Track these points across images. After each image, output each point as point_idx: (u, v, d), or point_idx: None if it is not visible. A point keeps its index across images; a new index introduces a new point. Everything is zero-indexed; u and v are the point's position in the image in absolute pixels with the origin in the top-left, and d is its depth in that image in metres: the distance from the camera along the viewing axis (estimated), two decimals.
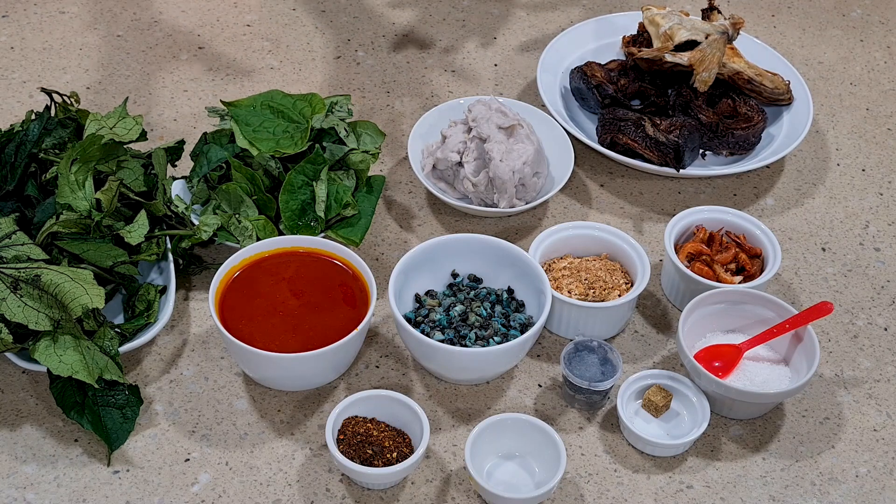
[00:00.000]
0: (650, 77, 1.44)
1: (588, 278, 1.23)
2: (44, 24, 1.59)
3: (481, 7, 1.66)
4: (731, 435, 1.17)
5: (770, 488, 1.12)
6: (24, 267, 1.10)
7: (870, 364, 1.24)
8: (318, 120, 1.30)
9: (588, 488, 1.12)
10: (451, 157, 1.33)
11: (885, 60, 1.61)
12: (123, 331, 1.16)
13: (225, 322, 1.15)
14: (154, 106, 1.48)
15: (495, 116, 1.33)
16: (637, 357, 1.23)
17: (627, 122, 1.38)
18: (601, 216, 1.38)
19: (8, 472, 1.11)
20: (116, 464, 1.12)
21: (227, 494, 1.10)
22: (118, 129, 1.24)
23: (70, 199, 1.17)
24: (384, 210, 1.37)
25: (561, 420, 1.17)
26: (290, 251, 1.22)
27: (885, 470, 1.15)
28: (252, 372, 1.17)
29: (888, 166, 1.45)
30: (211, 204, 1.27)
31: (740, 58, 1.43)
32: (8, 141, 1.24)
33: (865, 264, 1.34)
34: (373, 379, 1.20)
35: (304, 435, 1.15)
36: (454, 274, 1.25)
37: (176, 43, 1.58)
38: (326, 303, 1.18)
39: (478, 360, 1.15)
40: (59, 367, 1.08)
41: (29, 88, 1.50)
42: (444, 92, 1.52)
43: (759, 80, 1.44)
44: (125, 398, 1.13)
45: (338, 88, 1.52)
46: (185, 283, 1.27)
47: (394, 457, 1.08)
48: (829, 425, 1.18)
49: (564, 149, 1.38)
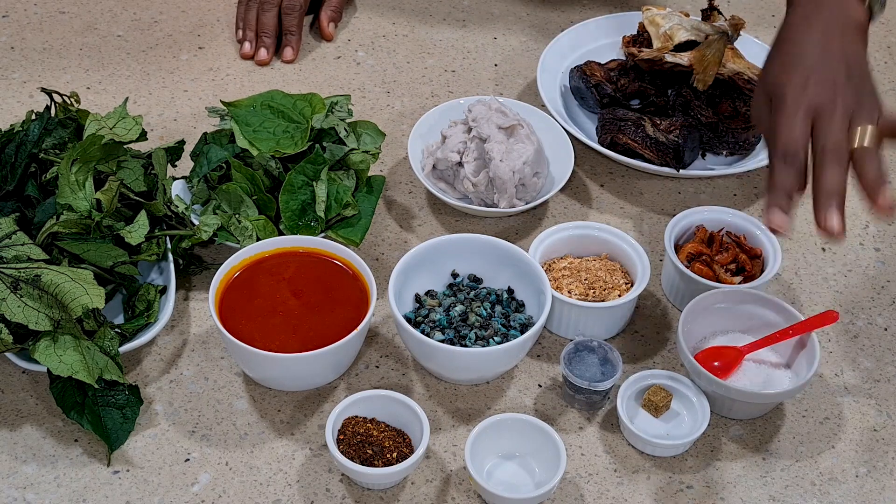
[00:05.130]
0: (650, 77, 1.44)
1: (588, 278, 1.23)
2: (44, 24, 1.59)
3: (481, 7, 1.66)
4: (731, 435, 1.17)
5: (770, 488, 1.12)
6: (24, 267, 1.10)
7: (870, 364, 1.24)
8: (318, 120, 1.31)
9: (588, 488, 1.12)
10: (451, 157, 1.33)
11: (885, 60, 1.61)
12: (123, 331, 1.16)
13: (225, 322, 1.15)
14: (154, 106, 1.48)
15: (495, 116, 1.33)
16: (637, 357, 1.23)
17: (627, 122, 1.38)
18: (601, 216, 1.38)
19: (8, 472, 1.11)
20: (116, 464, 1.12)
21: (227, 494, 1.10)
22: (118, 129, 1.24)
23: (70, 199, 1.17)
24: (384, 210, 1.37)
25: (561, 420, 1.17)
26: (290, 251, 1.22)
27: (885, 470, 1.15)
28: (252, 372, 1.18)
29: (888, 166, 1.45)
30: (211, 204, 1.27)
31: (740, 58, 1.43)
32: (8, 141, 1.24)
33: (865, 264, 1.34)
34: (373, 379, 1.20)
35: (304, 435, 1.15)
36: (454, 274, 1.25)
37: (176, 43, 1.58)
38: (326, 303, 1.18)
39: (478, 360, 1.15)
40: (59, 367, 1.08)
41: (29, 88, 1.50)
42: (444, 92, 1.52)
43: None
44: (125, 398, 1.13)
45: (338, 88, 1.52)
46: (185, 283, 1.27)
47: (394, 457, 1.08)
48: (829, 425, 1.18)
49: (564, 149, 1.38)
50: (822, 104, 1.10)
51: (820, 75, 1.11)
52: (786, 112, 1.10)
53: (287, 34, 1.56)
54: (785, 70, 1.13)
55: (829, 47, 1.13)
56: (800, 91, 1.11)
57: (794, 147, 1.09)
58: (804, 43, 1.14)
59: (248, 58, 1.55)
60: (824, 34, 1.15)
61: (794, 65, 1.13)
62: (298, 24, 1.56)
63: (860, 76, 1.12)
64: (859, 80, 1.12)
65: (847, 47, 1.14)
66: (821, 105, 1.09)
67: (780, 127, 1.10)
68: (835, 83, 1.10)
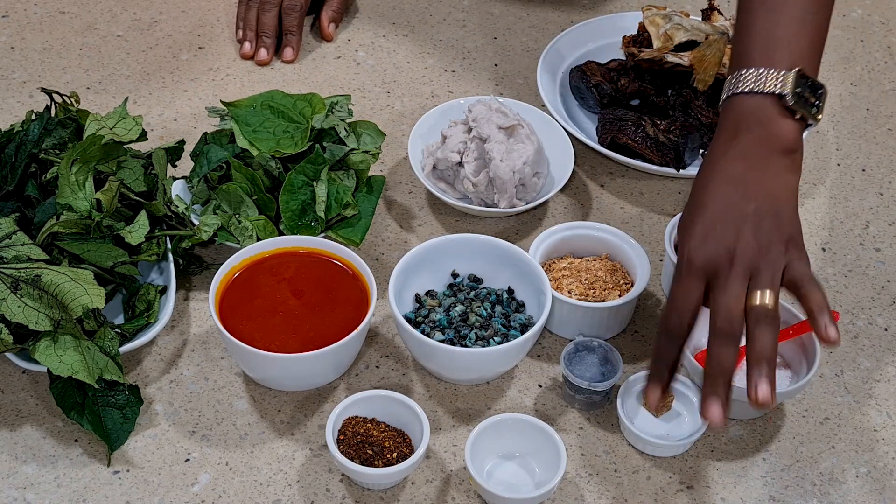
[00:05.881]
0: (650, 77, 1.44)
1: (588, 278, 1.23)
2: (44, 24, 1.59)
3: (481, 7, 1.66)
4: (731, 435, 1.17)
5: (770, 488, 1.12)
6: (24, 267, 1.10)
7: (870, 364, 1.24)
8: (318, 120, 1.31)
9: (588, 488, 1.12)
10: (451, 157, 1.33)
11: (885, 60, 1.61)
12: (123, 331, 1.16)
13: (225, 322, 1.15)
14: (154, 106, 1.48)
15: (495, 116, 1.33)
16: (637, 357, 1.23)
17: (627, 122, 1.38)
18: (601, 216, 1.38)
19: (8, 472, 1.11)
20: (116, 464, 1.12)
21: (227, 494, 1.10)
22: (118, 129, 1.24)
23: (70, 199, 1.17)
24: (384, 210, 1.37)
25: (561, 420, 1.17)
26: (290, 251, 1.22)
27: (885, 470, 1.15)
28: (252, 372, 1.18)
29: (888, 166, 1.45)
30: (211, 204, 1.27)
31: None
32: (8, 141, 1.24)
33: (865, 264, 1.34)
34: (373, 379, 1.20)
35: (304, 435, 1.15)
36: (454, 274, 1.25)
37: (176, 43, 1.58)
38: (326, 303, 1.18)
39: (478, 360, 1.15)
40: (59, 368, 1.08)
41: (29, 88, 1.50)
42: (444, 92, 1.52)
43: None
44: (125, 398, 1.13)
45: (338, 88, 1.52)
46: (185, 283, 1.27)
47: (394, 457, 1.08)
48: (829, 425, 1.18)
49: (564, 149, 1.38)
50: (718, 265, 1.01)
51: (720, 230, 1.02)
52: (679, 273, 1.03)
53: (287, 34, 1.56)
54: (686, 225, 1.06)
55: (743, 187, 1.04)
56: (695, 249, 1.02)
57: (676, 320, 1.02)
58: (714, 185, 1.05)
59: (248, 58, 1.55)
60: (742, 170, 1.05)
61: (697, 216, 1.04)
62: (299, 24, 1.56)
63: (776, 220, 1.03)
64: (773, 226, 1.02)
65: (769, 182, 1.04)
66: (717, 266, 1.01)
67: (672, 292, 1.03)
68: (737, 237, 1.01)
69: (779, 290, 1.01)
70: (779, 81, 1.07)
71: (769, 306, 1.00)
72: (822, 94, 1.09)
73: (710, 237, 1.03)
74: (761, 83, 1.07)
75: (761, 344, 0.99)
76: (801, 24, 1.10)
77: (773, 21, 1.09)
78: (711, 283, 1.02)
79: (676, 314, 1.03)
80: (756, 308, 1.00)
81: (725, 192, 1.05)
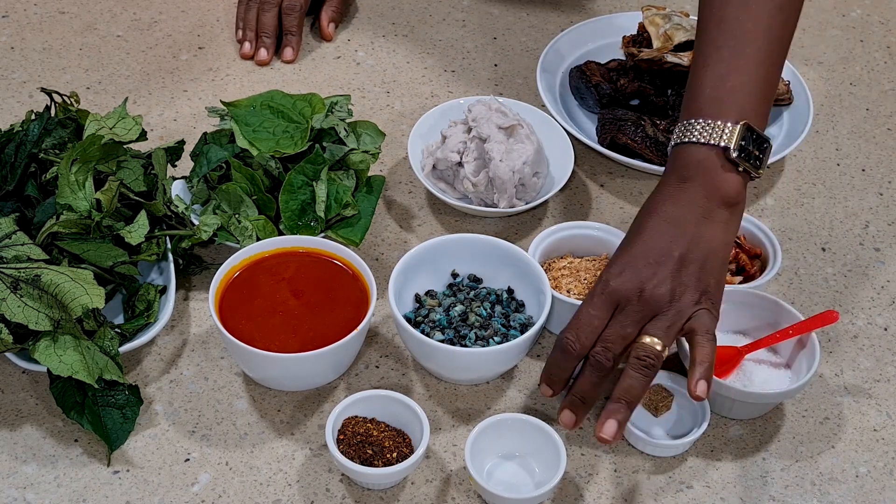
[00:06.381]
0: (650, 77, 1.44)
1: (588, 278, 1.23)
2: (44, 24, 1.59)
3: (481, 7, 1.66)
4: (731, 435, 1.17)
5: (770, 488, 1.12)
6: (24, 267, 1.10)
7: (870, 364, 1.24)
8: (318, 120, 1.31)
9: (588, 488, 1.12)
10: (451, 157, 1.33)
11: (885, 60, 1.61)
12: (123, 331, 1.16)
13: (225, 322, 1.15)
14: (154, 106, 1.48)
15: (495, 116, 1.33)
16: None
17: (627, 122, 1.38)
18: (601, 216, 1.38)
19: (8, 472, 1.11)
20: (116, 464, 1.12)
21: (227, 494, 1.10)
22: (118, 129, 1.24)
23: (70, 199, 1.17)
24: (384, 210, 1.37)
25: None
26: (290, 251, 1.22)
27: (885, 470, 1.15)
28: (252, 372, 1.18)
29: (888, 166, 1.45)
30: (211, 204, 1.27)
31: None
32: (8, 141, 1.24)
33: (865, 264, 1.34)
34: (373, 379, 1.20)
35: (304, 435, 1.15)
36: (454, 274, 1.25)
37: (176, 43, 1.58)
38: (326, 303, 1.18)
39: (478, 360, 1.15)
40: (59, 367, 1.08)
41: (29, 88, 1.50)
42: (444, 92, 1.52)
43: None
44: (125, 398, 1.13)
45: (338, 88, 1.52)
46: (185, 283, 1.27)
47: (394, 457, 1.08)
48: (829, 425, 1.18)
49: (564, 149, 1.38)
50: (627, 297, 1.05)
51: (641, 265, 1.06)
52: (592, 294, 1.07)
53: (287, 34, 1.56)
54: (616, 252, 1.10)
55: (677, 231, 1.07)
56: (613, 277, 1.06)
57: (574, 337, 1.06)
58: (650, 222, 1.08)
59: (248, 58, 1.55)
60: (681, 215, 1.08)
61: (626, 247, 1.09)
62: (298, 24, 1.56)
63: (699, 269, 1.06)
64: (694, 275, 1.06)
65: (704, 231, 1.07)
66: (626, 298, 1.05)
67: (578, 310, 1.08)
68: (653, 277, 1.05)
69: (673, 339, 1.06)
70: (725, 134, 1.09)
71: (653, 352, 1.04)
72: (767, 147, 1.12)
73: (629, 269, 1.07)
74: (707, 135, 1.09)
75: (628, 384, 1.04)
76: (752, 76, 1.11)
77: (724, 71, 1.11)
78: (615, 313, 1.06)
79: (575, 332, 1.07)
80: (639, 350, 1.04)
81: (659, 231, 1.08)
